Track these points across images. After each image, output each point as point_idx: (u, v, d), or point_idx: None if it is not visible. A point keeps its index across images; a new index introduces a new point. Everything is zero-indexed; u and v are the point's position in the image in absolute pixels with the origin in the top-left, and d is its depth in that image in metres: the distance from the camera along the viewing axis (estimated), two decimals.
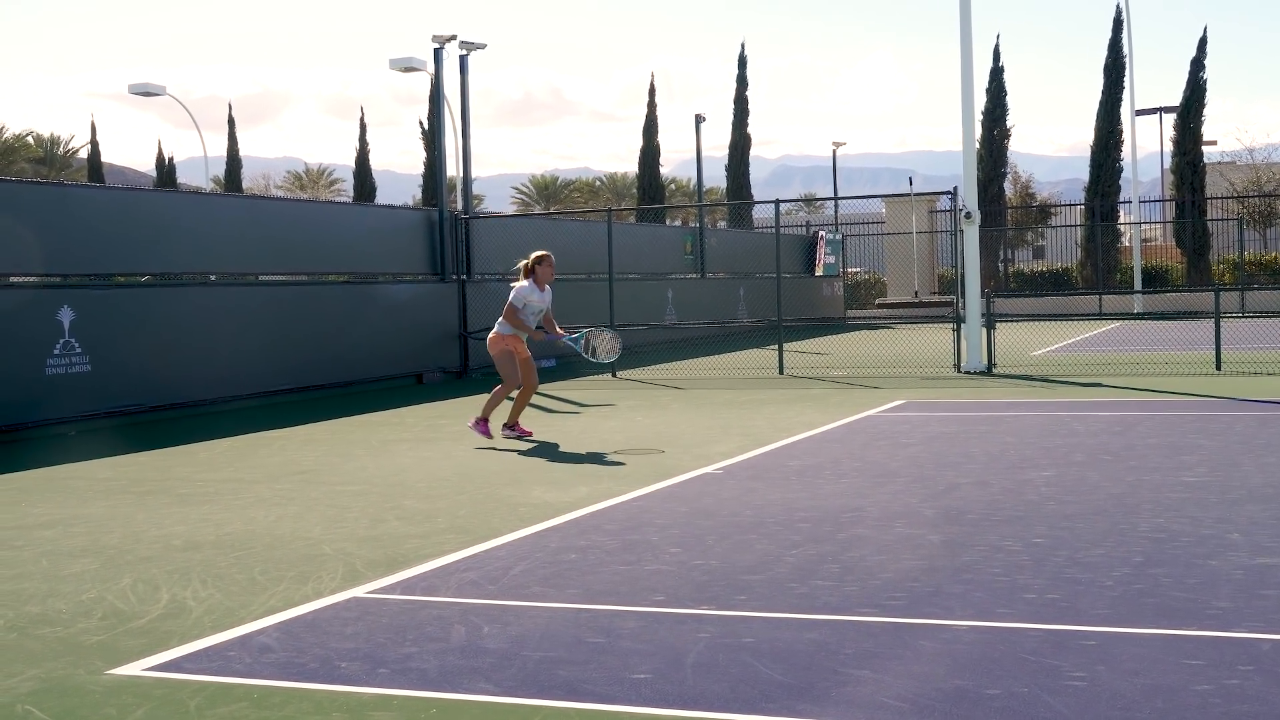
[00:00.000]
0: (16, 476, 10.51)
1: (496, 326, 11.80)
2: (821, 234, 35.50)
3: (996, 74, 41.95)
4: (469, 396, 16.77)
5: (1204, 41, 40.51)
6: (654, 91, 44.65)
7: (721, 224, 55.02)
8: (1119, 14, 40.21)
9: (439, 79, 21.46)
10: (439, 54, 20.86)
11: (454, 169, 25.46)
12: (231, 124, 50.38)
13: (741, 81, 44.48)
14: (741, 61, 44.68)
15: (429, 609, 5.68)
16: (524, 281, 11.71)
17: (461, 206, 21.69)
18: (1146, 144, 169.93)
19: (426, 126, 42.69)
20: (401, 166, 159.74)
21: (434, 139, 23.49)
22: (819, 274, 34.88)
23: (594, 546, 6.92)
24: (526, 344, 11.85)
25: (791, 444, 10.93)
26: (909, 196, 34.25)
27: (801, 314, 29.56)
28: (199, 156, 45.67)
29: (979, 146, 38.35)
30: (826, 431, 11.77)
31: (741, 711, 4.21)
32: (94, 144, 53.80)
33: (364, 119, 47.60)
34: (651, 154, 44.54)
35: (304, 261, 17.97)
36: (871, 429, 11.89)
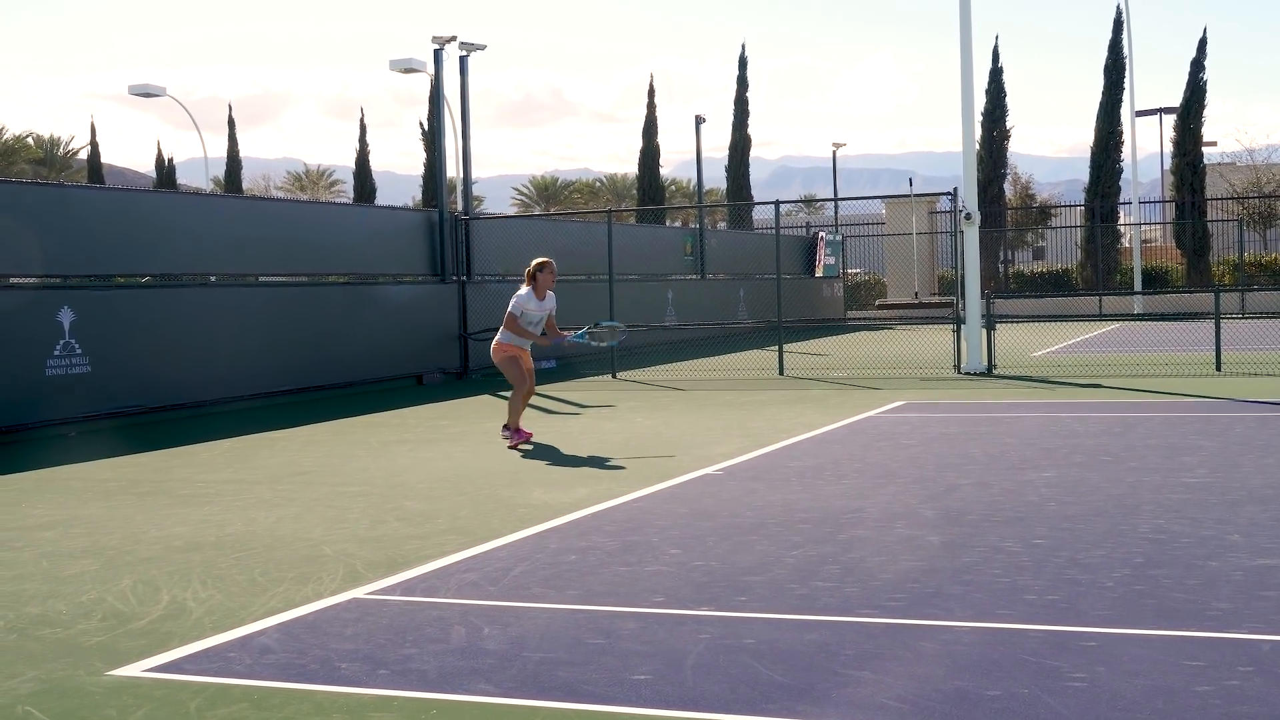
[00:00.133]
0: (17, 477, 10.52)
1: (499, 336, 11.65)
2: (821, 235, 35.49)
3: (996, 75, 41.95)
4: (469, 398, 16.78)
5: (1204, 42, 40.50)
6: (654, 92, 44.67)
7: (721, 225, 55.00)
8: (1119, 15, 40.22)
9: (439, 80, 21.47)
10: (439, 55, 20.88)
11: (454, 170, 25.49)
12: (231, 125, 50.40)
13: (742, 82, 44.46)
14: (742, 62, 44.67)
15: (429, 610, 5.68)
16: (523, 289, 11.55)
17: (462, 207, 21.69)
18: (1146, 145, 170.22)
19: (426, 127, 42.70)
20: (402, 167, 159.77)
21: (434, 140, 23.50)
22: (819, 275, 34.87)
23: (594, 547, 6.92)
24: (530, 351, 11.73)
25: (792, 445, 10.94)
26: (909, 197, 34.27)
27: (802, 315, 29.57)
28: (199, 157, 45.68)
29: (979, 147, 38.34)
30: (827, 432, 11.77)
31: (741, 713, 4.21)
32: (94, 145, 53.81)
33: (364, 120, 47.64)
34: (651, 155, 44.54)
35: (304, 262, 17.96)
36: (872, 430, 11.89)
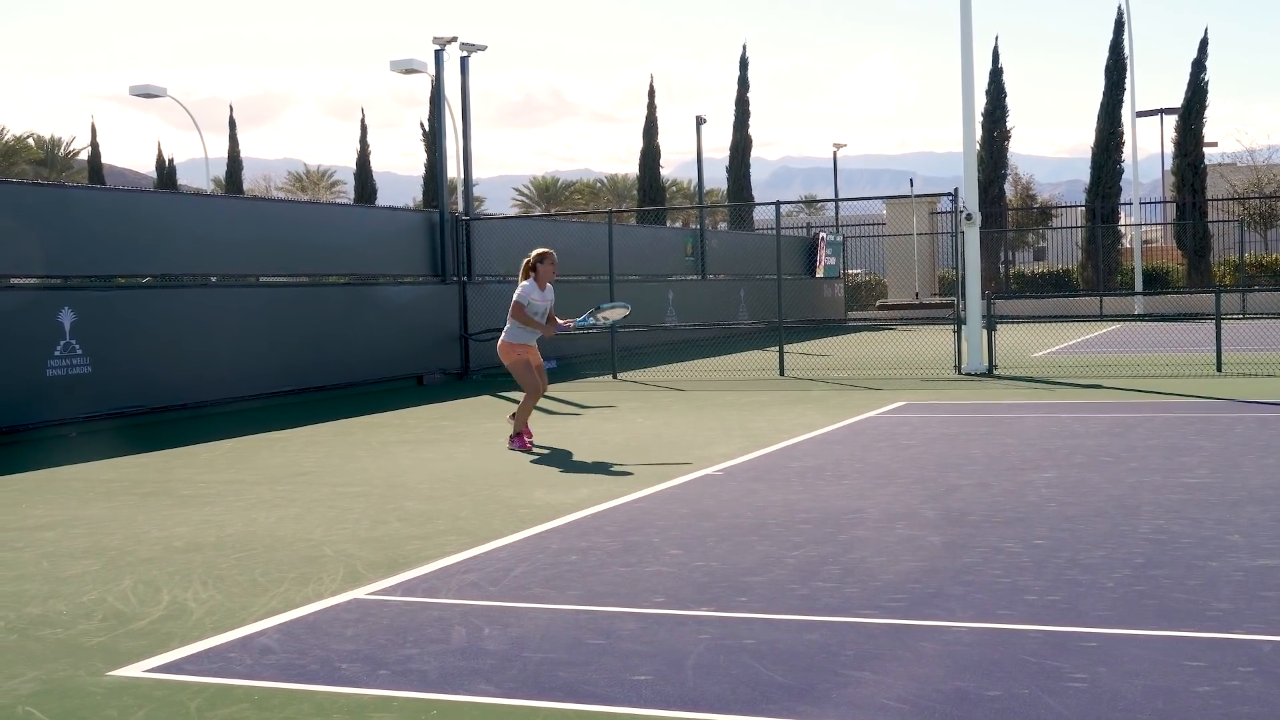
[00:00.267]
0: (17, 478, 10.52)
1: (505, 334, 11.45)
2: (822, 235, 35.50)
3: (996, 75, 41.94)
4: (470, 398, 16.79)
5: (1205, 43, 40.49)
6: (654, 93, 44.67)
7: (722, 225, 55.01)
8: (1120, 15, 40.20)
9: (440, 80, 21.48)
10: (439, 55, 20.88)
11: (455, 170, 25.53)
12: (232, 125, 50.43)
13: (743, 83, 44.45)
14: (743, 63, 44.65)
15: (430, 610, 5.68)
16: (525, 280, 11.41)
17: (462, 208, 21.69)
18: (1147, 145, 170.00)
19: (427, 128, 42.72)
20: (402, 168, 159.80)
21: (435, 140, 23.50)
22: (820, 275, 34.88)
23: (595, 548, 6.92)
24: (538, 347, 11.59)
25: (792, 445, 10.93)
26: (910, 198, 34.26)
27: (802, 315, 29.56)
28: (200, 158, 45.69)
29: (979, 148, 38.35)
30: (827, 433, 11.77)
31: (742, 713, 4.21)
32: (94, 146, 53.80)
33: (365, 120, 47.66)
34: (652, 155, 44.53)
35: (305, 263, 17.97)
36: (872, 430, 11.89)
